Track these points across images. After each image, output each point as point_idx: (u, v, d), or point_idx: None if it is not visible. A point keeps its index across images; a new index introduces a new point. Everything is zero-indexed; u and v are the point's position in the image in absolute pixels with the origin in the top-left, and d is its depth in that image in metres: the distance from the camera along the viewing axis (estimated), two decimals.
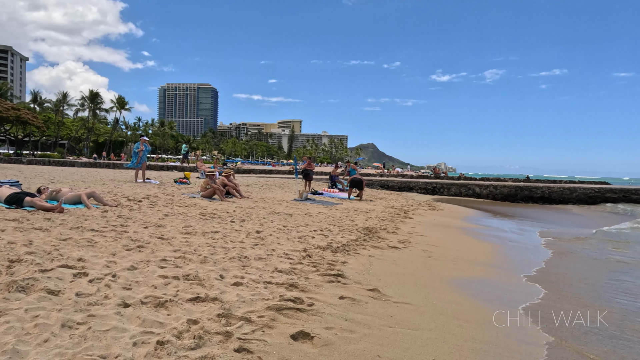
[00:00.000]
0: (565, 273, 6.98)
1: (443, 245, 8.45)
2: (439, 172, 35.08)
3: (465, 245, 8.78)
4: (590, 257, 8.66)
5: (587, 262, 8.17)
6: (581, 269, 7.54)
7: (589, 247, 9.81)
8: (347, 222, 9.98)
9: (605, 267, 7.74)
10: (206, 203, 10.65)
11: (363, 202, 15.81)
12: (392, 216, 12.17)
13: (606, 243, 10.43)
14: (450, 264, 6.89)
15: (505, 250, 8.79)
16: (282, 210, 10.98)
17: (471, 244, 9.01)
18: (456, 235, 10.13)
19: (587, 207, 24.98)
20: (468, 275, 6.19)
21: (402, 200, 18.68)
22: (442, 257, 7.30)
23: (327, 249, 6.75)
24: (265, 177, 25.19)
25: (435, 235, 9.72)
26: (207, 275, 4.69)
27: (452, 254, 7.61)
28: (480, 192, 27.81)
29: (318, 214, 10.95)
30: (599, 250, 9.40)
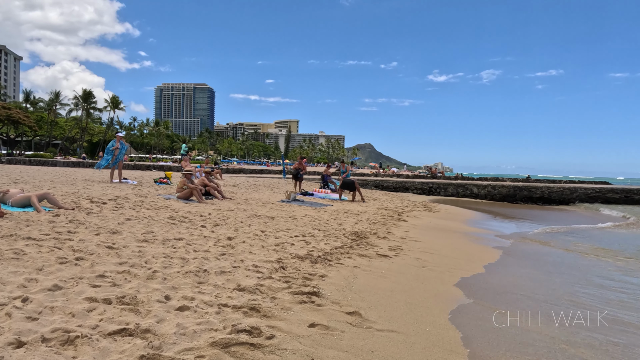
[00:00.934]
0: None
1: (439, 252, 7.59)
2: (435, 172, 34.27)
3: (464, 252, 7.92)
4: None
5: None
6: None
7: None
8: (335, 226, 9.11)
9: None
10: (180, 205, 9.76)
11: (355, 204, 14.95)
12: (384, 219, 11.31)
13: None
14: (446, 275, 6.03)
15: (507, 255, 7.95)
16: (265, 212, 10.10)
17: (470, 250, 8.15)
18: (453, 240, 9.27)
19: (585, 206, 24.22)
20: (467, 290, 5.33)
21: (397, 201, 17.83)
22: (437, 266, 6.44)
23: (306, 258, 5.88)
24: (255, 177, 24.29)
25: (431, 240, 8.86)
26: (149, 296, 3.82)
27: (449, 263, 6.75)
28: (478, 192, 27.00)
29: (304, 217, 10.08)
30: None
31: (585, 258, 8.45)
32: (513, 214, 18.14)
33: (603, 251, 9.34)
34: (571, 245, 9.90)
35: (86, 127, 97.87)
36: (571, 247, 9.74)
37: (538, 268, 7.10)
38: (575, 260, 8.16)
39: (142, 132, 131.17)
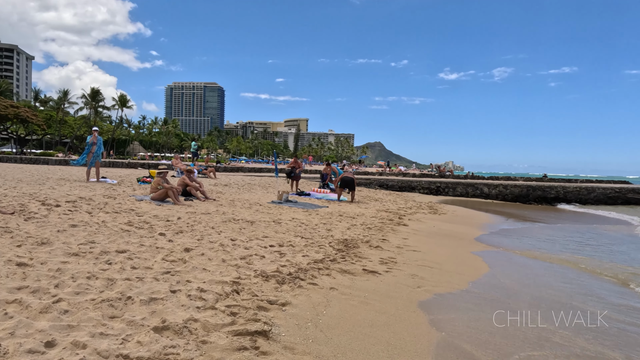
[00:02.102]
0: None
1: (440, 265, 6.41)
2: (444, 171, 32.88)
3: (471, 266, 6.72)
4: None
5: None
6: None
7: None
8: (322, 232, 7.97)
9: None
10: (150, 208, 8.70)
11: (354, 205, 13.79)
12: (382, 223, 10.14)
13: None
14: (446, 292, 4.87)
15: (530, 275, 6.74)
16: (246, 216, 9.00)
17: (478, 263, 6.95)
18: (459, 250, 8.07)
19: (613, 207, 22.71)
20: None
21: (400, 202, 16.62)
22: (437, 286, 5.28)
23: (272, 277, 4.76)
24: (252, 175, 23.24)
25: (432, 250, 7.67)
26: (19, 344, 2.73)
27: (452, 281, 5.57)
28: (488, 192, 25.62)
29: (290, 221, 8.96)
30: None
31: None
32: (529, 216, 16.81)
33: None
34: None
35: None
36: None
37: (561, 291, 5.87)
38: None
39: (151, 131, 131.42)
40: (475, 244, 8.83)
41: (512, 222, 14.17)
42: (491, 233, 10.93)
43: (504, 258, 7.73)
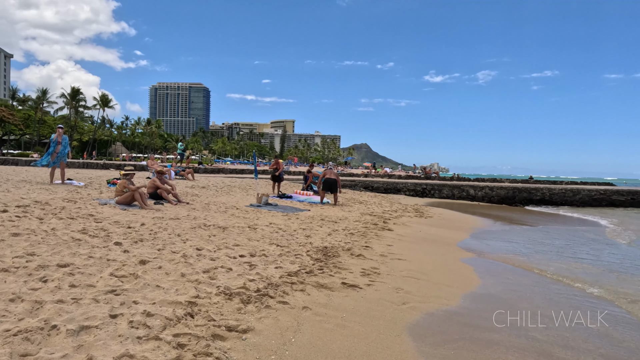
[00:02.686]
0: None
1: (428, 276, 5.86)
2: (429, 173, 32.54)
3: (461, 276, 6.19)
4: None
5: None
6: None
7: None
8: (300, 239, 7.36)
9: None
10: (113, 212, 7.98)
11: (337, 208, 13.20)
12: (366, 227, 9.57)
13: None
14: (434, 311, 4.31)
15: (520, 282, 6.23)
16: (219, 221, 8.33)
17: (469, 273, 6.42)
18: (447, 257, 7.54)
19: (598, 209, 22.58)
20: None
21: (386, 205, 16.10)
22: (424, 301, 4.71)
23: (236, 295, 4.14)
24: (234, 177, 22.49)
25: (419, 258, 7.12)
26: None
27: (441, 296, 5.02)
28: (475, 194, 25.32)
29: (267, 226, 8.33)
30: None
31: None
32: (517, 219, 16.45)
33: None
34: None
35: (75, 126, 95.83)
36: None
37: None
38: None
39: (133, 132, 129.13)
40: (464, 251, 8.32)
41: (500, 225, 13.76)
42: (479, 238, 10.45)
43: (495, 266, 7.22)
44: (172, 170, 17.55)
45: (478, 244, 9.38)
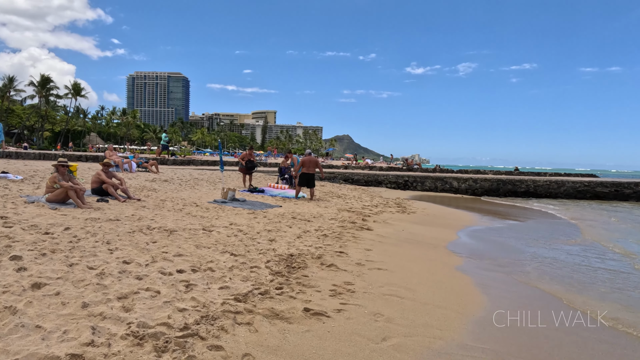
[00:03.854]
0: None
1: (414, 292, 4.75)
2: (411, 164, 31.65)
3: (458, 290, 5.10)
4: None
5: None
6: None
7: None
8: (262, 245, 6.17)
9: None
10: (37, 212, 6.63)
11: (312, 203, 12.04)
12: (342, 227, 8.43)
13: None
14: (426, 353, 3.19)
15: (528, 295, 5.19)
16: (169, 222, 7.07)
17: (467, 286, 5.34)
18: (437, 264, 6.46)
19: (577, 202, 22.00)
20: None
21: (366, 199, 15.01)
22: (411, 334, 3.60)
23: (152, 337, 2.94)
24: (204, 169, 21.08)
25: (402, 264, 6.02)
26: None
27: (432, 324, 3.90)
28: (458, 186, 24.49)
29: (225, 228, 7.10)
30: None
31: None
32: (501, 212, 15.59)
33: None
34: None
35: (46, 115, 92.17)
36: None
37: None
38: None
39: (108, 122, 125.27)
40: (455, 255, 7.26)
41: (490, 221, 12.81)
42: (471, 236, 9.43)
43: (498, 275, 6.17)
44: (133, 162, 16.09)
45: (471, 245, 8.34)
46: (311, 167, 12.91)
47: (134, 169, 15.66)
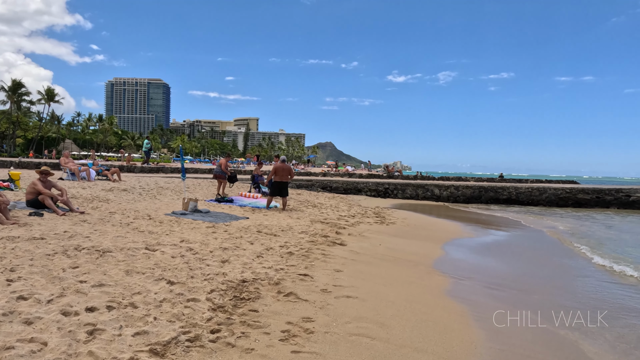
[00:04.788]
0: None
1: (389, 331, 3.85)
2: (392, 171, 31.01)
3: (450, 332, 4.21)
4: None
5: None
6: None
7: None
8: (211, 268, 5.20)
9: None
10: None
11: (284, 214, 11.10)
12: (312, 242, 7.51)
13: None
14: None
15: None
16: (106, 241, 6.04)
17: (462, 321, 4.46)
18: (416, 286, 5.58)
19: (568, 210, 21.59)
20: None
21: (343, 208, 14.14)
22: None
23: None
24: (173, 177, 19.86)
25: (377, 290, 5.12)
26: None
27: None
28: (439, 194, 23.88)
29: (173, 247, 6.10)
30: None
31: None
32: (485, 221, 14.91)
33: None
34: None
35: (18, 122, 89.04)
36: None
37: None
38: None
39: (84, 129, 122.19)
40: (441, 275, 6.40)
41: (476, 231, 12.05)
42: (459, 251, 8.61)
43: (499, 306, 5.33)
44: (92, 169, 14.89)
45: (460, 262, 7.52)
46: (284, 175, 11.98)
47: (92, 177, 14.45)
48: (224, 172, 13.90)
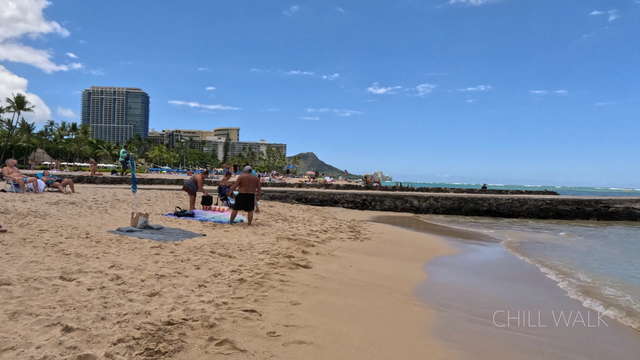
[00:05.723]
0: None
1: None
2: (370, 182, 30.26)
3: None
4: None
5: None
6: None
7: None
8: (135, 304, 4.16)
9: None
10: None
11: (248, 230, 10.07)
12: (273, 263, 6.52)
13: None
14: None
15: None
16: (10, 268, 4.93)
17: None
18: (391, 322, 4.63)
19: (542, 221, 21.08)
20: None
21: (317, 221, 13.18)
22: None
23: None
24: (139, 188, 18.64)
25: (338, 327, 4.15)
26: None
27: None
28: (419, 205, 23.16)
29: (98, 274, 5.03)
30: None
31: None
32: (466, 234, 14.15)
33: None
34: None
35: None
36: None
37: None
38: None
39: (57, 137, 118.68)
40: (421, 305, 5.47)
41: (458, 245, 11.24)
42: (445, 273, 7.69)
43: (502, 352, 4.42)
44: (41, 180, 13.59)
45: (440, 287, 6.59)
46: (250, 186, 10.96)
47: (40, 189, 13.16)
48: (196, 188, 12.83)
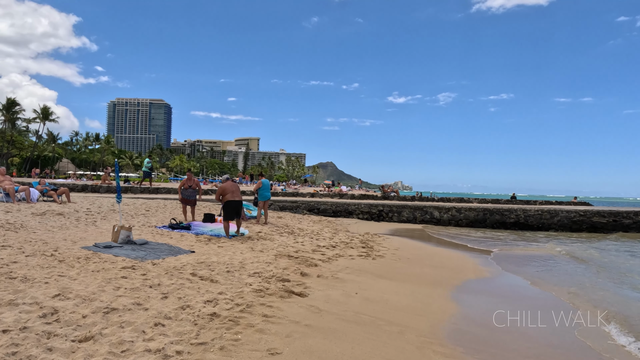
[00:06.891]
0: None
1: None
2: (388, 192, 28.89)
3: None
4: None
5: None
6: None
7: None
8: (53, 357, 3.07)
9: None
10: None
11: (245, 245, 8.97)
12: (261, 290, 5.38)
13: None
14: None
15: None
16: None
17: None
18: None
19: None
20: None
21: (326, 235, 12.00)
22: None
23: None
24: (138, 197, 17.86)
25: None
26: None
27: None
28: (440, 217, 21.70)
29: (33, 305, 3.99)
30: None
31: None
32: (487, 250, 12.72)
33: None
34: None
35: (12, 140, 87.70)
36: None
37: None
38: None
39: (81, 148, 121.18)
40: (448, 356, 4.23)
41: (487, 264, 9.87)
42: (476, 303, 6.39)
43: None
44: (35, 189, 12.88)
45: (478, 329, 5.29)
46: (237, 192, 10.15)
47: (34, 198, 12.43)
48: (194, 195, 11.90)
